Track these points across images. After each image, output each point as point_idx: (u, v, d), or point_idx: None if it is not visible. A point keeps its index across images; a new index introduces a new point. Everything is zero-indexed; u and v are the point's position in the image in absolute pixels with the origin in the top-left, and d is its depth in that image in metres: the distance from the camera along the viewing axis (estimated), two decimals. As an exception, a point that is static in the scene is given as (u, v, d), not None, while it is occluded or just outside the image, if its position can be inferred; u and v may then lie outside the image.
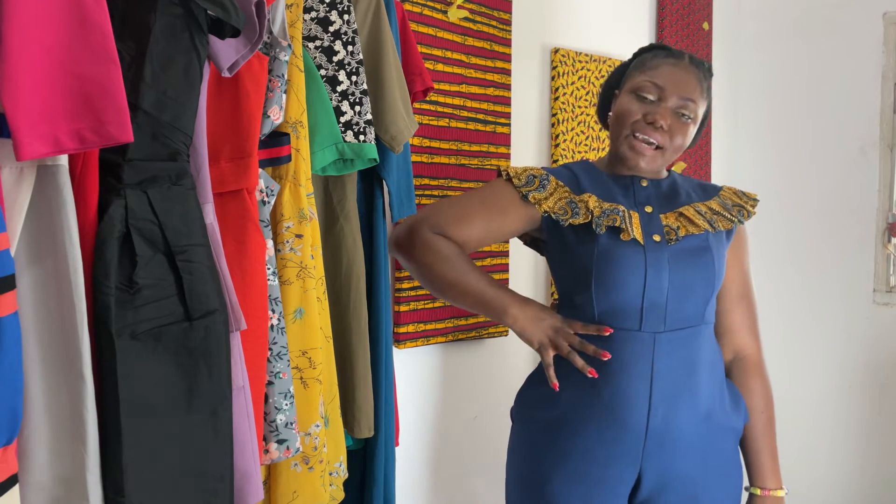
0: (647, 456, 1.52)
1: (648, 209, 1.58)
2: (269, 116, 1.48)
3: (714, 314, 1.62)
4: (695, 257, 1.55)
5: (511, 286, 2.26)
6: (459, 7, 2.34)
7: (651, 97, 1.57)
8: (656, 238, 1.54)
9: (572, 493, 1.55)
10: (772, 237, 3.45)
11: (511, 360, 2.56)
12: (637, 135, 1.56)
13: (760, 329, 1.69)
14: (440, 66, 2.30)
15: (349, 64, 1.70)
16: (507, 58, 2.52)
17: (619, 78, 1.67)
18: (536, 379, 1.64)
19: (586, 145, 2.82)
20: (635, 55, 1.67)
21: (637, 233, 1.53)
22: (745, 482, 1.67)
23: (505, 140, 2.53)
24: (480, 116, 2.44)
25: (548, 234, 1.62)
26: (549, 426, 1.58)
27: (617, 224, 1.53)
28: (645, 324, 1.51)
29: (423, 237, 1.58)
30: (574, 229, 1.57)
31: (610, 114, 1.66)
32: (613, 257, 1.53)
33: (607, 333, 1.49)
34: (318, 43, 1.69)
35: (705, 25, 3.39)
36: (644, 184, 1.62)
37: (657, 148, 1.56)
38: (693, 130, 1.61)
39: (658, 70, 1.58)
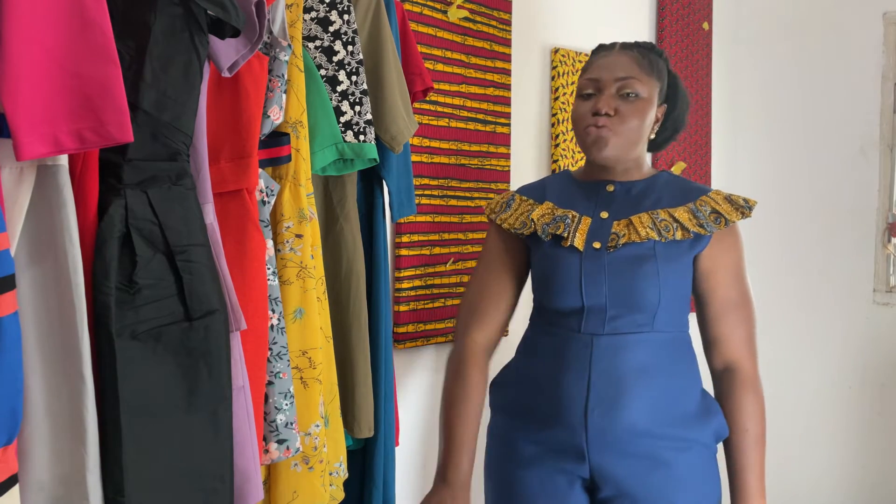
0: (592, 454, 1.55)
1: (604, 215, 1.62)
2: (269, 116, 1.48)
3: (679, 325, 1.61)
4: (636, 265, 1.56)
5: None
6: (459, 7, 2.34)
7: (591, 91, 1.62)
8: (596, 245, 1.58)
9: (530, 476, 1.60)
10: (771, 237, 3.45)
11: (510, 360, 2.55)
12: (589, 126, 1.60)
13: (760, 331, 1.67)
14: (440, 66, 2.30)
15: (349, 64, 1.70)
16: (507, 58, 2.52)
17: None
18: (503, 370, 1.75)
19: (586, 145, 2.82)
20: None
21: (578, 240, 1.59)
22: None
23: (505, 140, 2.53)
24: (480, 116, 2.44)
25: (522, 247, 1.72)
26: (509, 414, 1.67)
27: (559, 231, 1.60)
28: (585, 326, 1.57)
29: (449, 372, 1.70)
30: (532, 238, 1.66)
31: None
32: (553, 263, 1.61)
33: None
34: (318, 43, 1.69)
35: (705, 25, 3.39)
36: (610, 189, 1.65)
37: (611, 130, 1.59)
38: (647, 109, 1.61)
39: (591, 67, 1.65)
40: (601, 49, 1.68)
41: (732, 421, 1.60)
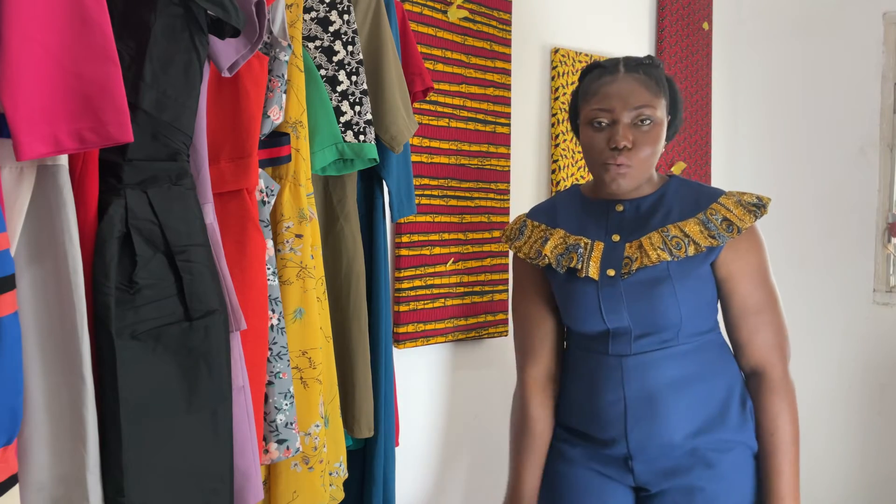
0: (637, 466, 1.58)
1: (616, 238, 1.61)
2: (269, 116, 1.48)
3: (706, 330, 1.60)
4: (652, 289, 1.55)
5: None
6: (459, 7, 2.34)
7: (605, 122, 1.56)
8: (610, 273, 1.58)
9: (576, 472, 1.64)
10: (771, 237, 3.41)
11: (511, 359, 2.55)
12: (608, 163, 1.56)
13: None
14: (440, 66, 2.30)
15: (349, 64, 1.70)
16: (507, 58, 2.52)
17: (575, 107, 1.68)
18: None
19: (586, 145, 2.82)
20: (579, 80, 1.68)
21: (592, 269, 1.59)
22: None
23: (505, 140, 2.53)
24: (480, 116, 2.44)
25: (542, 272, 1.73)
26: (557, 429, 1.70)
27: (573, 264, 1.60)
28: (612, 348, 1.58)
29: (514, 405, 1.74)
30: (546, 269, 1.67)
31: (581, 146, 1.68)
32: (570, 294, 1.62)
33: None
34: (318, 43, 1.69)
35: (705, 25, 3.39)
36: (620, 209, 1.63)
37: (629, 166, 1.56)
38: (661, 130, 1.58)
39: (599, 93, 1.58)
40: (603, 72, 1.60)
41: (760, 425, 1.59)
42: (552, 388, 1.70)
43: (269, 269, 1.48)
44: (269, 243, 1.49)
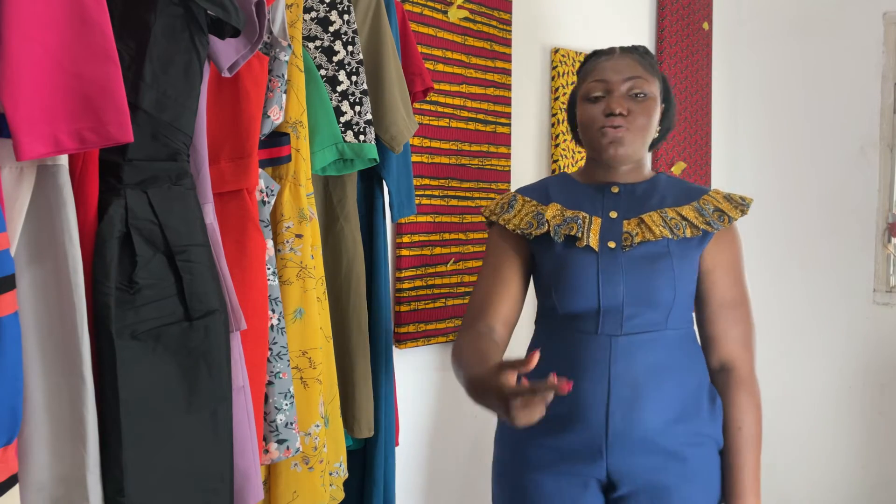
0: (611, 454, 1.55)
1: (613, 214, 1.63)
2: (269, 116, 1.48)
3: (687, 322, 1.62)
4: (652, 264, 1.57)
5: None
6: (459, 7, 2.34)
7: (600, 94, 1.62)
8: (611, 245, 1.59)
9: (544, 478, 1.60)
10: (772, 237, 3.45)
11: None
12: (604, 127, 1.60)
13: (761, 331, 1.66)
14: (440, 66, 2.30)
15: (349, 64, 1.70)
16: (507, 58, 2.52)
17: (573, 97, 1.73)
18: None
19: (586, 145, 2.82)
20: (577, 74, 1.74)
21: (593, 240, 1.59)
22: None
23: (505, 140, 2.53)
24: (480, 116, 2.44)
25: (526, 248, 1.70)
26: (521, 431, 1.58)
27: (573, 232, 1.59)
28: (602, 327, 1.57)
29: (453, 351, 1.57)
30: (539, 240, 1.65)
31: (578, 129, 1.70)
32: (568, 264, 1.60)
33: (565, 391, 1.24)
34: (318, 43, 1.69)
35: (705, 25, 3.39)
36: (615, 190, 1.66)
37: (626, 129, 1.60)
38: (655, 108, 1.63)
39: (595, 70, 1.65)
40: (600, 54, 1.68)
41: (726, 419, 1.61)
42: (498, 338, 1.60)
43: (269, 269, 1.48)
44: (269, 243, 1.49)
